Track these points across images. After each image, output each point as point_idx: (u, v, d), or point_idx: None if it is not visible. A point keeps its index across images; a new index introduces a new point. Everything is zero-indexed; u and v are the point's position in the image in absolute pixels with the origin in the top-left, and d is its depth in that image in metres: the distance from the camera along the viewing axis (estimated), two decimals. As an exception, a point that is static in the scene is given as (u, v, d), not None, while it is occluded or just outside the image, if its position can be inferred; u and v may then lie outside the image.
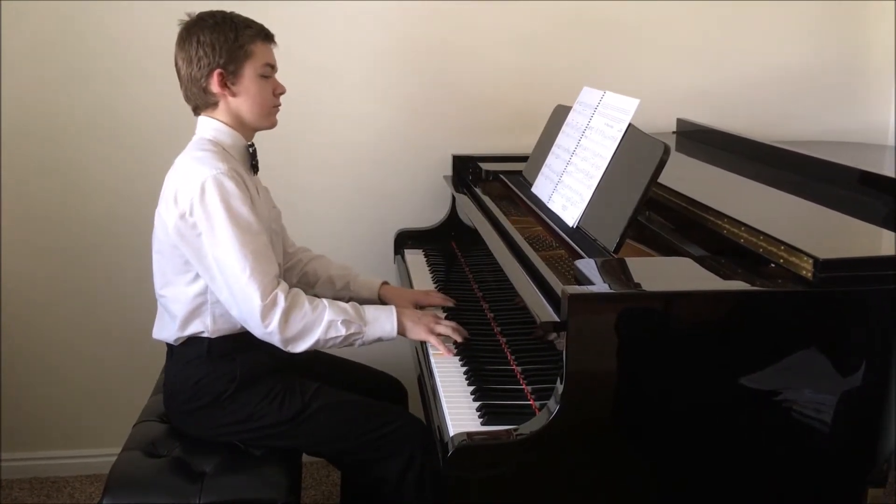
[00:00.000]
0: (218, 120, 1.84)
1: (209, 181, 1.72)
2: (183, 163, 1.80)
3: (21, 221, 2.59)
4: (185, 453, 1.83)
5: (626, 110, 1.82)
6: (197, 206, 1.72)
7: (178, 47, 1.82)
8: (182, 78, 1.83)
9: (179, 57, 1.82)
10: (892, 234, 1.62)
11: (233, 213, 1.72)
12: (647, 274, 1.53)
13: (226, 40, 1.78)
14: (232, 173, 1.75)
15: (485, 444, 1.44)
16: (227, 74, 1.80)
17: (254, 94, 1.83)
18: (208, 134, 1.84)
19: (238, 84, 1.81)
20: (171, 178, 1.80)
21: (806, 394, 1.46)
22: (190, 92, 1.84)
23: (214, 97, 1.82)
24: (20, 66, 2.49)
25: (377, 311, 1.84)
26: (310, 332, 1.76)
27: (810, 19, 2.79)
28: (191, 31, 1.80)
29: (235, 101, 1.83)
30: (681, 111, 2.76)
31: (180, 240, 1.76)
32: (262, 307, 1.71)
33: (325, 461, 2.52)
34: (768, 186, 2.05)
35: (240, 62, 1.80)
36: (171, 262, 1.81)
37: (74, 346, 2.71)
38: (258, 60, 1.82)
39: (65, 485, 2.74)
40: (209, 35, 1.78)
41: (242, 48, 1.80)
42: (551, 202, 1.98)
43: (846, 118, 2.85)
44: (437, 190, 2.69)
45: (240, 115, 1.84)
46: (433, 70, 2.65)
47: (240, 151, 1.87)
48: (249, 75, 1.82)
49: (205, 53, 1.78)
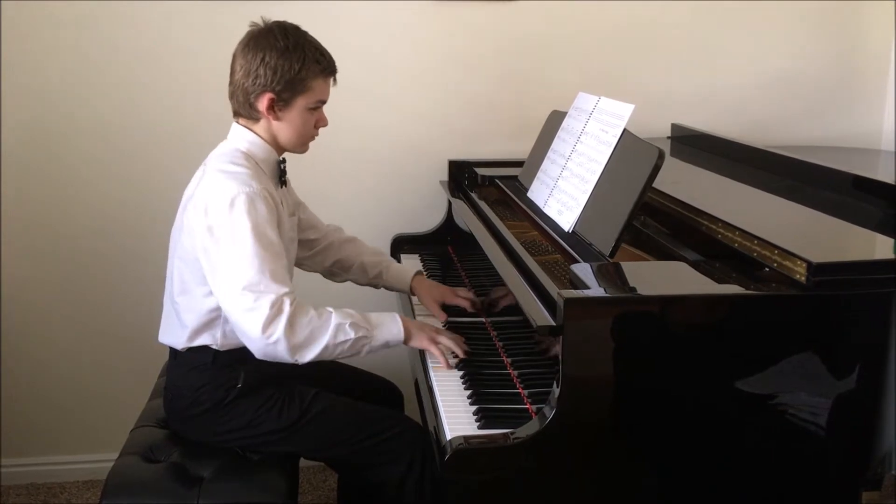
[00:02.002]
0: (255, 133, 1.83)
1: (241, 197, 1.70)
2: (216, 175, 1.77)
3: (20, 226, 2.60)
4: (183, 458, 1.83)
5: (621, 115, 1.83)
6: (224, 219, 1.70)
7: (240, 51, 1.80)
8: (234, 82, 1.81)
9: (239, 62, 1.80)
10: (885, 238, 1.63)
11: (258, 232, 1.70)
12: (643, 278, 1.54)
13: (290, 69, 1.76)
14: (265, 194, 1.74)
15: (482, 447, 1.44)
16: (278, 101, 1.79)
17: (297, 126, 1.83)
18: (243, 146, 1.83)
19: (285, 112, 1.80)
20: (201, 186, 1.77)
21: (800, 397, 1.47)
22: (237, 98, 1.82)
23: (258, 114, 1.81)
24: (20, 71, 2.50)
25: (381, 317, 1.83)
26: (317, 337, 1.72)
27: (804, 25, 2.80)
28: (259, 45, 1.77)
29: (277, 125, 1.82)
30: (676, 116, 2.77)
31: (203, 252, 1.74)
32: (267, 317, 1.67)
33: (322, 465, 2.52)
34: (762, 191, 2.06)
35: (294, 94, 1.79)
36: (193, 271, 1.79)
37: (73, 350, 2.71)
38: (313, 96, 1.81)
39: (62, 490, 2.74)
40: (276, 59, 1.75)
41: (303, 82, 1.78)
42: (547, 207, 1.99)
43: (840, 123, 2.86)
44: (434, 195, 2.70)
45: (276, 137, 1.84)
46: (429, 75, 2.66)
47: (271, 166, 1.86)
48: (299, 107, 1.81)
49: (264, 74, 1.76)
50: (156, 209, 2.51)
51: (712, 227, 1.72)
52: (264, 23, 1.81)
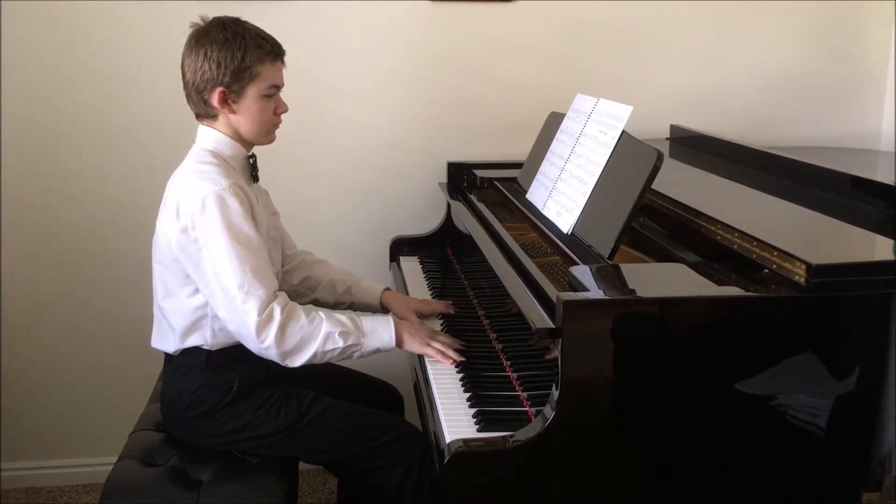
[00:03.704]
0: (218, 130, 1.84)
1: (210, 196, 1.71)
2: (185, 176, 1.79)
3: (19, 229, 2.60)
4: (181, 462, 1.83)
5: (619, 117, 1.83)
6: (198, 221, 1.72)
7: (185, 52, 1.81)
8: (186, 83, 1.82)
9: (186, 62, 1.80)
10: (884, 239, 1.63)
11: (233, 230, 1.72)
12: (642, 280, 1.54)
13: (232, 59, 1.76)
14: (235, 188, 1.74)
15: (481, 450, 1.44)
16: (230, 93, 1.79)
17: (254, 114, 1.82)
18: (209, 144, 1.84)
19: (239, 103, 1.80)
20: (172, 189, 1.80)
21: (800, 398, 1.46)
22: (192, 99, 1.83)
23: (214, 110, 1.81)
24: (19, 72, 2.50)
25: (375, 322, 1.83)
26: (307, 344, 1.75)
27: (803, 25, 2.80)
28: (200, 42, 1.78)
29: (235, 117, 1.82)
30: (674, 117, 2.77)
31: (182, 253, 1.75)
32: (258, 322, 1.70)
33: (322, 469, 2.51)
34: (761, 192, 2.06)
35: (243, 83, 1.78)
36: (174, 273, 1.81)
37: (72, 354, 2.71)
38: (263, 82, 1.80)
39: (61, 494, 2.74)
40: (217, 52, 1.76)
41: (248, 70, 1.77)
42: (546, 209, 1.99)
43: (839, 123, 2.86)
44: (432, 197, 2.70)
45: (238, 130, 1.84)
46: (427, 77, 2.66)
47: (240, 162, 1.86)
48: (252, 96, 1.80)
49: (209, 68, 1.76)
50: (155, 211, 2.49)
51: (711, 228, 1.72)
52: (204, 21, 1.81)
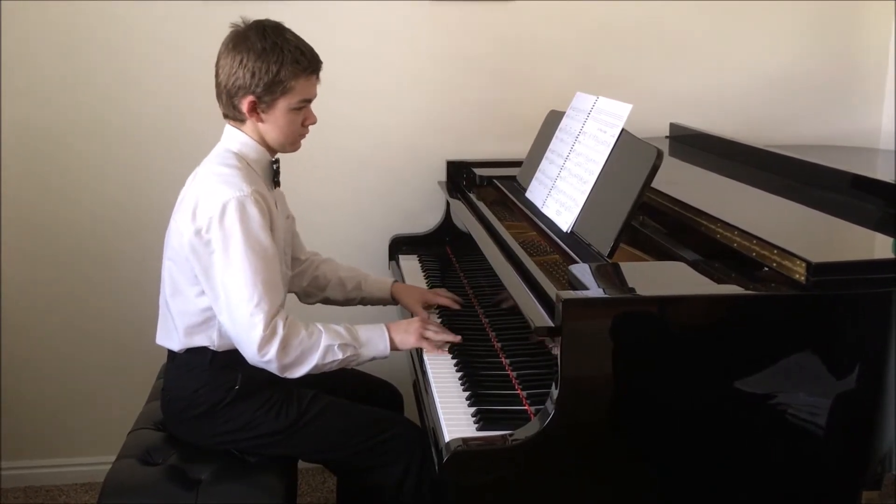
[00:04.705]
0: (245, 133, 1.83)
1: (232, 203, 1.70)
2: (206, 177, 1.77)
3: (19, 230, 2.59)
4: (180, 461, 1.83)
5: (619, 115, 1.83)
6: (215, 226, 1.70)
7: (222, 52, 1.79)
8: (218, 83, 1.81)
9: (221, 62, 1.78)
10: (884, 238, 1.63)
11: (251, 240, 1.71)
12: (642, 278, 1.54)
13: (267, 71, 1.74)
14: (256, 196, 1.73)
15: (480, 449, 1.44)
16: (260, 103, 1.77)
17: (281, 126, 1.81)
18: (234, 146, 1.82)
19: (268, 113, 1.79)
20: (192, 188, 1.78)
21: (800, 397, 1.46)
22: (222, 100, 1.82)
23: (243, 115, 1.80)
24: (19, 73, 2.49)
25: (370, 333, 1.84)
26: (307, 357, 1.75)
27: (802, 24, 2.80)
28: (238, 47, 1.75)
29: (263, 126, 1.81)
30: (674, 116, 2.77)
31: (192, 254, 1.74)
32: (263, 337, 1.70)
33: (321, 467, 2.51)
34: (761, 190, 2.06)
35: (275, 96, 1.77)
36: (183, 272, 1.79)
37: (71, 354, 2.70)
38: (295, 97, 1.79)
39: (60, 493, 2.73)
40: (253, 61, 1.73)
41: (282, 84, 1.76)
42: (545, 207, 1.99)
43: (839, 122, 2.86)
44: (432, 195, 2.70)
45: (264, 137, 1.83)
46: (427, 76, 2.65)
47: (263, 167, 1.86)
48: (282, 108, 1.79)
49: (243, 76, 1.74)
50: (154, 210, 2.50)
51: (711, 226, 1.71)
52: (244, 23, 1.80)
